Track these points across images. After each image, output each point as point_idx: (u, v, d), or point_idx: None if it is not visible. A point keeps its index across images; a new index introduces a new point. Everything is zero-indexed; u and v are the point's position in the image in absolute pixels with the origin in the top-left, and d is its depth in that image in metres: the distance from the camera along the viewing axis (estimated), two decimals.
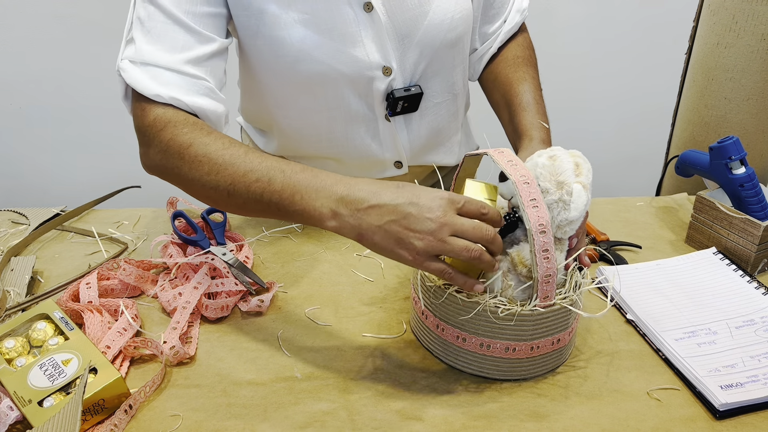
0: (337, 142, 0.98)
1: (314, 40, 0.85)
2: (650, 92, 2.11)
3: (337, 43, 0.86)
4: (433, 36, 0.90)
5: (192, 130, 0.73)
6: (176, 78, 0.76)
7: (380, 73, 0.90)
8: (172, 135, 0.73)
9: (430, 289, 0.71)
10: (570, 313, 0.70)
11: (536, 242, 0.63)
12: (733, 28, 1.09)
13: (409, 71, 0.93)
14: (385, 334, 0.80)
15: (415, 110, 0.96)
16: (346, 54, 0.87)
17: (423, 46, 0.91)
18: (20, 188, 2.17)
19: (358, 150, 0.99)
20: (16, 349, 0.73)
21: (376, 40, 0.88)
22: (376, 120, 0.96)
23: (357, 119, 0.95)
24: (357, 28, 0.86)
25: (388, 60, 0.90)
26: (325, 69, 0.87)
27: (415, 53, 0.91)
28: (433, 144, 1.05)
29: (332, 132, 0.97)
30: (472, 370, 0.72)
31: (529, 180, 0.65)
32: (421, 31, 0.89)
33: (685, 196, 1.15)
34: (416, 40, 0.90)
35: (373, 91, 0.92)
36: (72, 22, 1.90)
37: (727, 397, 0.68)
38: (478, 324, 0.68)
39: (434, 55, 0.93)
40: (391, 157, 1.01)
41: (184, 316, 0.80)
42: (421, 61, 0.92)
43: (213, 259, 0.87)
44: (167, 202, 1.08)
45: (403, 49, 0.90)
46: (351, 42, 0.87)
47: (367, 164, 1.02)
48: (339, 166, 1.02)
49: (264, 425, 0.67)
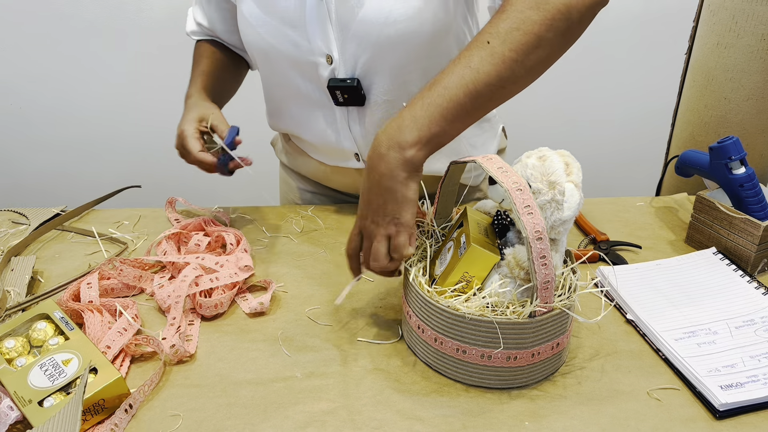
0: (299, 121, 1.03)
1: (259, 17, 0.91)
2: (650, 92, 2.11)
3: (279, 23, 0.90)
4: (367, 29, 0.87)
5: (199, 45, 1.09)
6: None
7: (323, 60, 0.91)
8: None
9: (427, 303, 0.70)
10: (568, 315, 0.70)
11: (533, 249, 0.63)
12: (733, 28, 1.09)
13: (350, 63, 0.91)
14: (385, 335, 0.80)
15: (360, 104, 0.95)
16: (286, 36, 0.90)
17: (359, 38, 0.89)
18: (20, 188, 2.17)
19: (318, 134, 1.02)
20: (16, 349, 0.73)
21: (319, 26, 0.89)
22: (333, 107, 0.97)
23: (312, 102, 0.98)
24: (301, 12, 0.88)
25: (330, 48, 0.90)
26: (266, 47, 0.93)
27: (353, 44, 0.90)
28: None
29: (291, 110, 1.02)
30: (474, 381, 0.71)
31: (522, 186, 0.65)
32: (356, 22, 0.88)
33: (685, 196, 1.15)
34: (352, 31, 0.88)
35: (319, 78, 0.93)
36: (72, 22, 1.90)
37: (727, 397, 0.68)
38: (478, 334, 0.68)
39: (376, 49, 0.89)
40: (350, 147, 1.02)
41: (178, 311, 0.80)
42: (360, 54, 0.90)
43: (203, 259, 0.88)
44: (166, 201, 1.08)
45: (343, 39, 0.90)
46: (291, 25, 0.89)
47: (329, 150, 1.05)
48: (303, 144, 1.09)
49: (264, 425, 0.67)
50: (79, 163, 2.15)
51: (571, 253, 0.76)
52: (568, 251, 0.76)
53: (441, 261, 0.76)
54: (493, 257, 0.69)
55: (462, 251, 0.70)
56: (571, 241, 1.00)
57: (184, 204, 1.09)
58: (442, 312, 0.69)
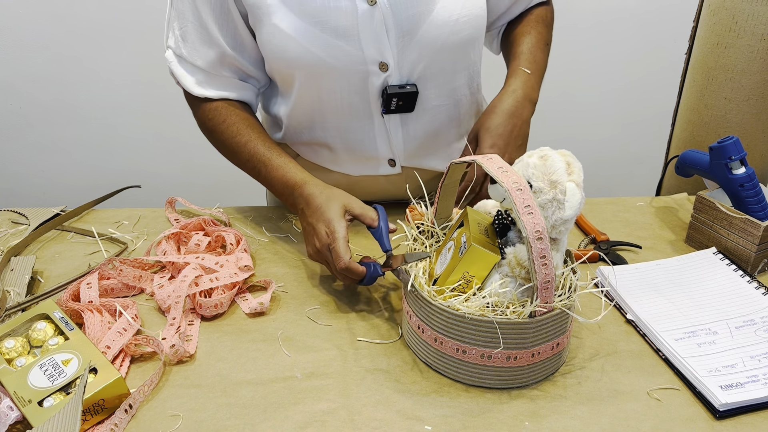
0: (330, 132, 0.99)
1: (305, 29, 0.86)
2: (650, 92, 2.11)
3: (328, 35, 0.86)
4: (434, 36, 0.89)
5: (216, 116, 0.95)
6: (207, 78, 0.94)
7: (376, 68, 0.90)
8: (203, 118, 0.97)
9: (427, 303, 0.70)
10: (568, 315, 0.70)
11: (533, 249, 0.63)
12: (733, 28, 1.09)
13: (407, 69, 0.92)
14: (386, 335, 0.80)
15: (411, 110, 0.95)
16: (336, 47, 0.87)
17: (423, 45, 0.90)
18: (20, 188, 2.17)
19: (351, 143, 0.99)
20: (16, 349, 0.73)
21: (374, 34, 0.87)
22: (372, 115, 0.96)
23: (351, 112, 0.95)
24: (354, 21, 0.86)
25: (385, 56, 0.89)
26: (314, 61, 0.88)
27: (414, 51, 0.90)
28: (430, 148, 1.03)
29: (326, 123, 0.98)
30: (473, 381, 0.71)
31: (522, 186, 0.65)
32: (423, 29, 0.88)
33: (685, 196, 1.15)
34: (417, 38, 0.89)
35: (368, 86, 0.92)
36: (72, 22, 1.90)
37: (727, 397, 0.68)
38: (478, 334, 0.68)
39: (435, 56, 0.92)
40: (385, 154, 1.01)
41: (178, 311, 0.80)
42: (420, 61, 0.91)
43: (203, 259, 0.88)
44: (166, 201, 1.08)
45: (403, 46, 0.89)
46: (343, 35, 0.87)
47: (360, 158, 1.02)
48: (332, 156, 1.03)
49: (264, 425, 0.67)
50: (79, 163, 2.15)
51: (571, 253, 0.76)
52: (568, 251, 0.76)
53: (441, 261, 0.75)
54: (493, 257, 0.69)
55: (462, 251, 0.70)
56: (571, 241, 1.00)
57: (184, 204, 1.08)
58: (442, 312, 0.69)
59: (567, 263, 0.75)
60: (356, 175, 1.04)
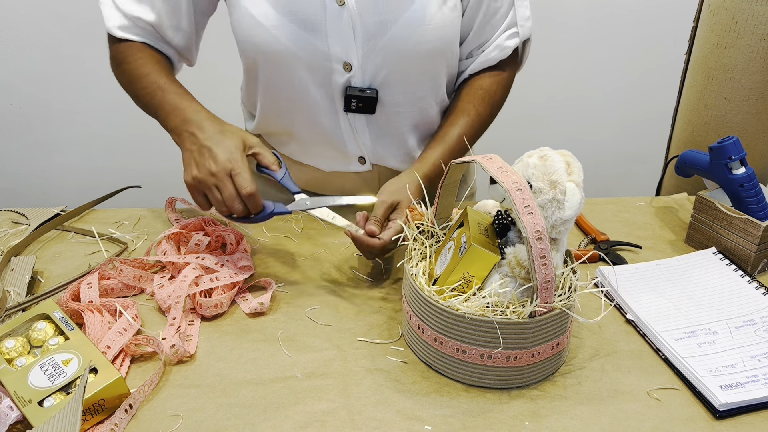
0: (300, 125, 1.00)
1: (275, 18, 0.88)
2: (650, 92, 2.11)
3: (296, 26, 0.88)
4: (398, 45, 0.90)
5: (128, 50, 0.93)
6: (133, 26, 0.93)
7: (340, 67, 0.91)
8: (115, 52, 0.96)
9: (427, 303, 0.70)
10: (568, 315, 0.70)
11: (533, 249, 0.63)
12: (733, 28, 1.09)
13: (371, 73, 0.92)
14: (385, 335, 0.80)
15: (371, 113, 0.95)
16: (303, 39, 0.88)
17: (388, 52, 0.90)
18: (20, 188, 2.17)
19: (320, 137, 1.01)
20: (16, 349, 0.73)
21: (341, 34, 0.88)
22: (337, 112, 0.97)
23: (318, 107, 0.96)
24: (322, 17, 0.87)
25: (350, 57, 0.90)
26: (281, 49, 0.89)
27: (379, 56, 0.91)
28: (397, 152, 1.04)
29: (294, 114, 0.99)
30: (473, 381, 0.72)
31: (522, 186, 0.65)
32: (388, 35, 0.89)
33: (685, 196, 1.15)
34: (382, 43, 0.89)
35: (332, 83, 0.93)
36: (72, 22, 1.90)
37: (727, 397, 0.68)
38: (478, 334, 0.68)
39: (400, 63, 0.92)
40: (354, 152, 1.02)
41: (178, 311, 0.80)
42: (384, 66, 0.92)
43: (203, 259, 0.88)
44: (166, 201, 1.08)
45: (368, 50, 0.90)
46: (311, 28, 0.88)
47: (330, 153, 1.03)
48: (302, 148, 1.04)
49: (264, 425, 0.67)
50: (79, 163, 2.15)
51: (571, 253, 0.76)
52: (568, 251, 0.76)
53: (441, 261, 0.76)
54: (493, 257, 0.69)
55: (462, 251, 0.70)
56: (571, 241, 1.00)
57: (184, 204, 1.08)
58: (442, 312, 0.69)
59: (567, 263, 0.75)
60: (328, 170, 1.06)
